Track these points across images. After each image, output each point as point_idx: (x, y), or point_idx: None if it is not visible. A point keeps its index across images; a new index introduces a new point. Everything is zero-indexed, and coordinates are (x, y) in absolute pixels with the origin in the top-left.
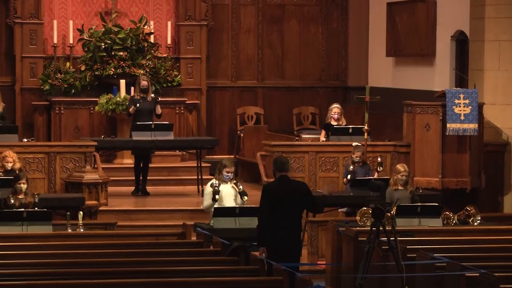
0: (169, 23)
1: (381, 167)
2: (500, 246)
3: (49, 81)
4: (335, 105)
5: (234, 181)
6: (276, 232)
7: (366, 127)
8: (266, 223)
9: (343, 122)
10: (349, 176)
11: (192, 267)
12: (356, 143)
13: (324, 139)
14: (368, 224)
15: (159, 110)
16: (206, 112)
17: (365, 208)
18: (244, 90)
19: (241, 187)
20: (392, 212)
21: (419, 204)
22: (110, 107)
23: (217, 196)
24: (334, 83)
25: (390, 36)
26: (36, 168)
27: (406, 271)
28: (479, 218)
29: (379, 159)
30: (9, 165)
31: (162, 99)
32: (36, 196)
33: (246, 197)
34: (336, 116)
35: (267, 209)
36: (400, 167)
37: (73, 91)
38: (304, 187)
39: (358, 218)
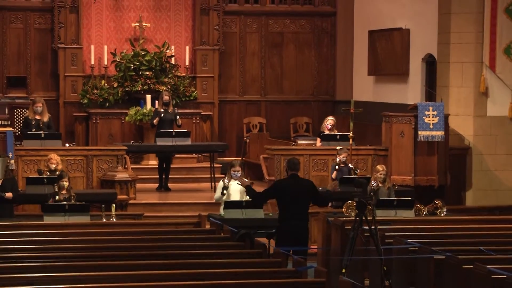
0: (187, 47)
1: (355, 172)
2: (463, 233)
3: (87, 96)
4: (331, 117)
5: (247, 181)
6: (289, 221)
7: (351, 134)
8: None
9: (335, 133)
10: (335, 174)
11: (206, 250)
12: (340, 147)
13: (320, 144)
14: (353, 215)
15: (179, 121)
16: (218, 122)
17: (350, 202)
18: (250, 104)
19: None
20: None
21: (395, 198)
22: (138, 117)
23: (224, 191)
24: (324, 97)
25: (371, 58)
26: (77, 168)
27: (384, 254)
28: (445, 210)
29: (356, 170)
30: (53, 166)
31: (181, 110)
32: (73, 196)
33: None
34: (329, 126)
35: (265, 196)
36: (380, 167)
37: (107, 104)
38: (311, 184)
39: (344, 209)
